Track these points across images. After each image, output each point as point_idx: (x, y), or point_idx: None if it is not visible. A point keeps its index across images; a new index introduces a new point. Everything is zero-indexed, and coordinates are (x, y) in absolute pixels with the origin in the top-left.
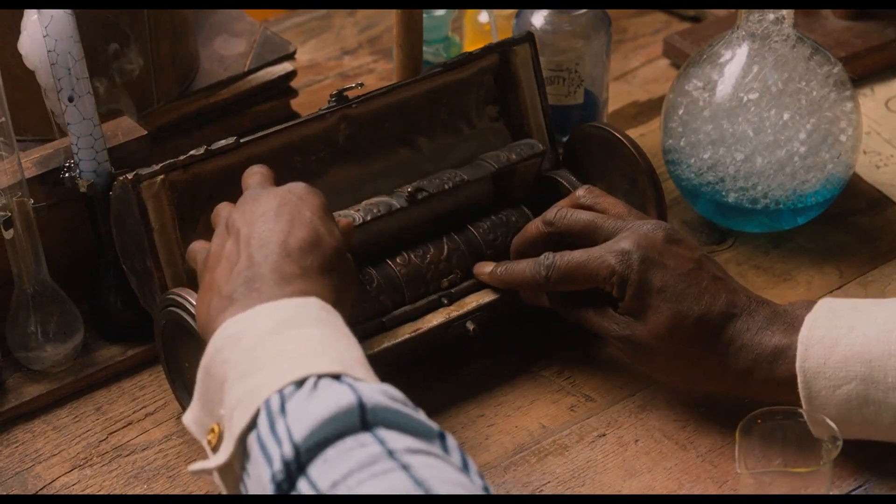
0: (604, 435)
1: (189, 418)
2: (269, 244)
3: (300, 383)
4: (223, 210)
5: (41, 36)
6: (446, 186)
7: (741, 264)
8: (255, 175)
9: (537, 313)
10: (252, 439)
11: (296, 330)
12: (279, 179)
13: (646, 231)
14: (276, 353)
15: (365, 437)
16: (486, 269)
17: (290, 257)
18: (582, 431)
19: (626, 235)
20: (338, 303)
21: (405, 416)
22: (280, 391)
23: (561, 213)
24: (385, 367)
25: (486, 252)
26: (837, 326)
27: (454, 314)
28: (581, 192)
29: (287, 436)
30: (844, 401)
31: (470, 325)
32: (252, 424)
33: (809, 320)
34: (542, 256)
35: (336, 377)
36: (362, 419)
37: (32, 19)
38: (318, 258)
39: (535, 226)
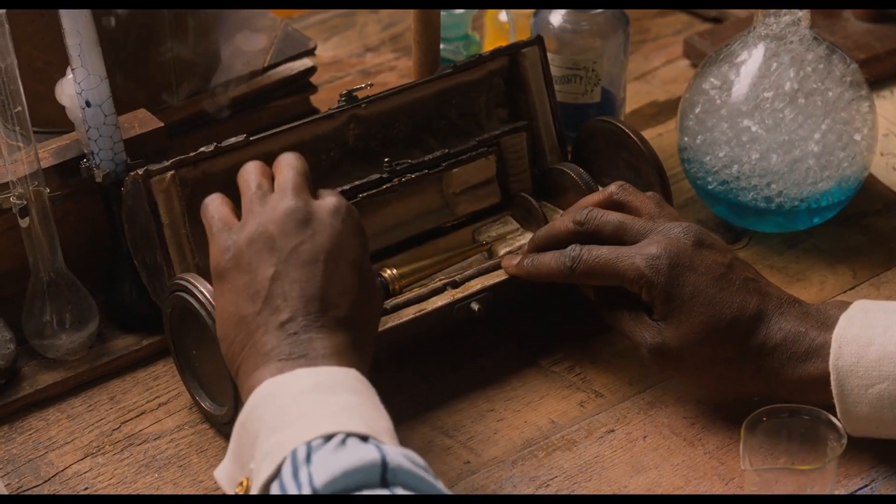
0: (612, 431)
1: (221, 473)
2: (313, 299)
3: (328, 438)
4: (252, 189)
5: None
6: (426, 158)
7: (755, 264)
8: (290, 169)
9: (546, 306)
10: (275, 486)
11: (331, 395)
12: None
13: (676, 235)
14: (310, 410)
15: (382, 492)
16: (513, 261)
17: (331, 314)
18: (591, 427)
19: (657, 239)
20: (369, 339)
21: (424, 482)
22: (308, 443)
23: (592, 213)
24: (390, 349)
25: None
26: (872, 326)
27: (458, 295)
28: (613, 189)
29: (308, 481)
30: (876, 399)
31: (475, 306)
32: (277, 473)
33: (844, 319)
34: (570, 248)
35: (364, 438)
36: (383, 477)
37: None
38: (358, 312)
39: (563, 223)
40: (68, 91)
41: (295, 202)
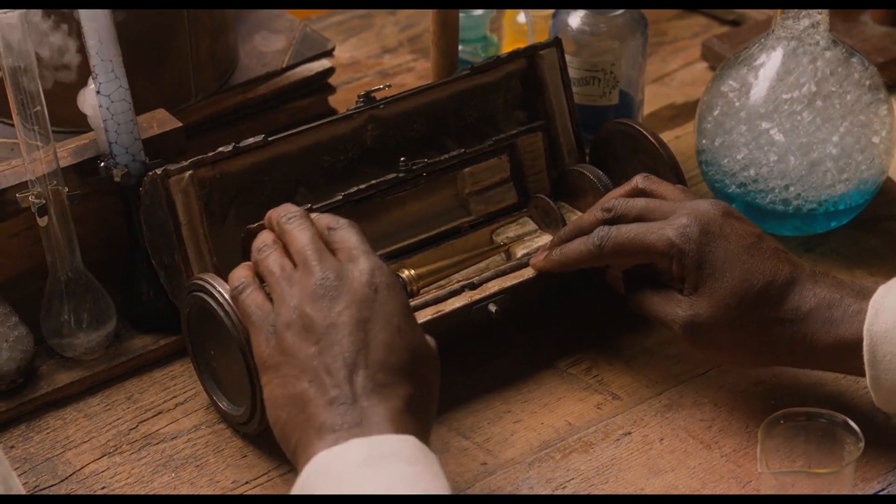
0: (629, 433)
1: None
2: (357, 368)
3: None
4: (276, 273)
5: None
6: (442, 158)
7: None
8: (301, 234)
9: (564, 308)
10: None
11: (385, 467)
12: (307, 179)
13: (705, 207)
14: (361, 485)
15: None
16: (540, 256)
17: (379, 380)
18: (608, 429)
19: (686, 211)
20: (427, 402)
21: None
22: None
23: (618, 201)
24: None
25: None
26: None
27: (476, 297)
28: (639, 179)
29: None
30: None
31: (493, 308)
32: None
33: (883, 288)
34: (597, 230)
35: None
36: None
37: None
38: (409, 373)
39: (590, 215)
40: (90, 101)
41: (322, 274)
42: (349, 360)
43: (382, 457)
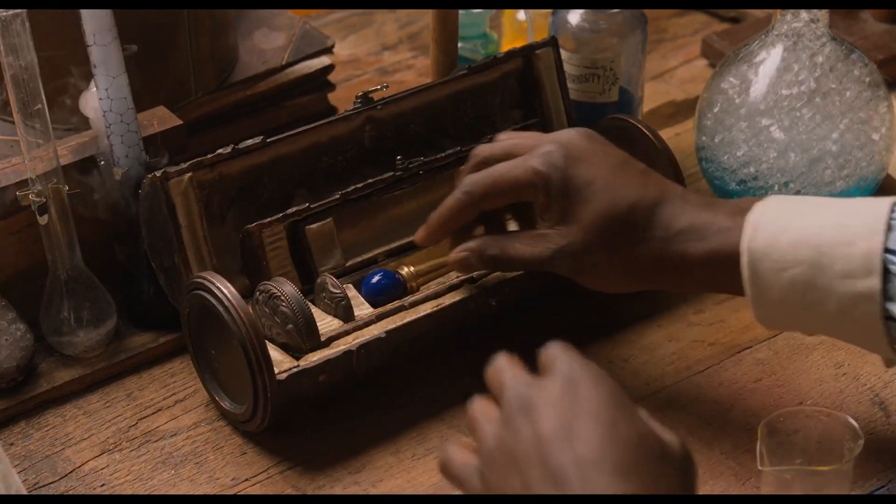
0: None
1: None
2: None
3: None
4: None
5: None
6: (439, 156)
7: None
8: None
9: (564, 304)
10: None
11: None
12: (306, 179)
13: (568, 134)
14: None
15: None
16: (421, 233)
17: (592, 480)
18: None
19: (549, 140)
20: None
21: None
22: None
23: (483, 146)
24: (408, 345)
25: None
26: (789, 212)
27: (476, 291)
28: (502, 134)
29: None
30: (789, 284)
31: (492, 301)
32: None
33: (761, 205)
34: (465, 178)
35: None
36: None
37: None
38: (632, 470)
39: (463, 170)
40: (92, 104)
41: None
42: (554, 472)
43: None
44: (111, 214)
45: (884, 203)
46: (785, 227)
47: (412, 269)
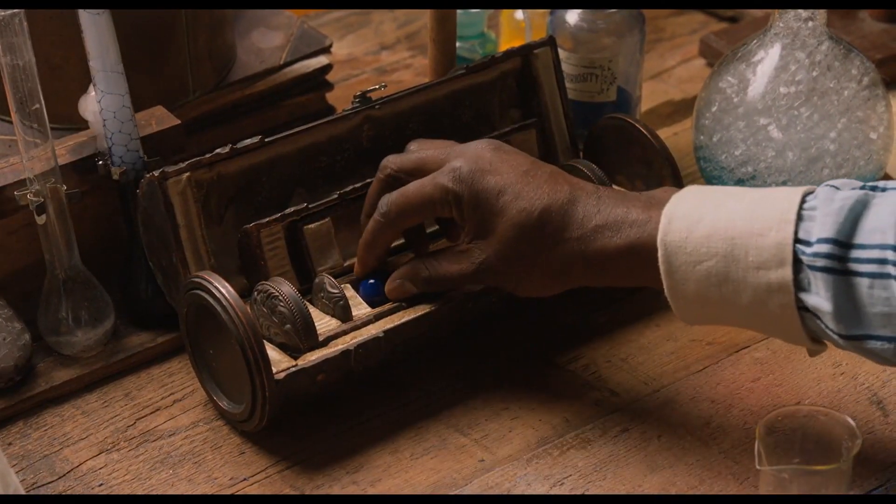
0: (627, 430)
1: None
2: None
3: None
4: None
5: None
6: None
7: None
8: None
9: (561, 304)
10: None
11: None
12: (304, 179)
13: (474, 147)
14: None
15: None
16: (357, 268)
17: None
18: (605, 426)
19: (456, 154)
20: None
21: None
22: None
23: (391, 158)
24: (406, 344)
25: None
26: (704, 204)
27: (474, 290)
28: (411, 145)
29: None
30: (704, 277)
31: (492, 298)
32: None
33: (676, 198)
34: (381, 200)
35: None
36: None
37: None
38: None
39: (373, 184)
40: (91, 107)
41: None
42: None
43: None
44: (109, 214)
45: (796, 192)
46: (699, 219)
47: None
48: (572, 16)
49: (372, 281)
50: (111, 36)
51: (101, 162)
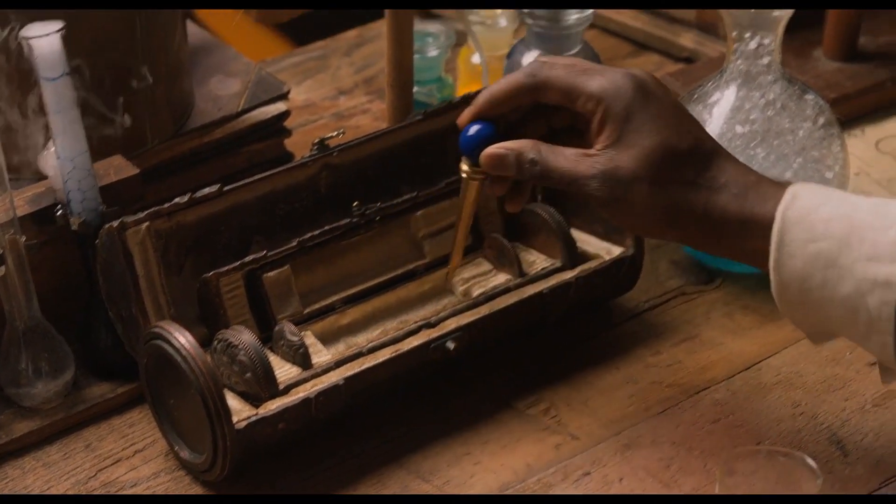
0: (588, 473)
1: None
2: None
3: None
4: None
5: None
6: (395, 202)
7: (729, 304)
8: None
9: (522, 347)
10: None
11: None
12: (263, 227)
13: (638, 70)
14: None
15: None
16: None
17: None
18: (567, 470)
19: (618, 70)
20: None
21: None
22: None
23: (542, 63)
24: (367, 391)
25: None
26: (831, 192)
27: (434, 335)
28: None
29: None
30: (813, 257)
31: (450, 345)
32: None
33: (802, 183)
34: (530, 63)
35: None
36: None
37: None
38: None
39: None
40: (52, 162)
41: None
42: None
43: None
44: (68, 264)
45: None
46: (824, 202)
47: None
48: (529, 58)
49: (477, 127)
50: (72, 100)
51: (59, 212)
